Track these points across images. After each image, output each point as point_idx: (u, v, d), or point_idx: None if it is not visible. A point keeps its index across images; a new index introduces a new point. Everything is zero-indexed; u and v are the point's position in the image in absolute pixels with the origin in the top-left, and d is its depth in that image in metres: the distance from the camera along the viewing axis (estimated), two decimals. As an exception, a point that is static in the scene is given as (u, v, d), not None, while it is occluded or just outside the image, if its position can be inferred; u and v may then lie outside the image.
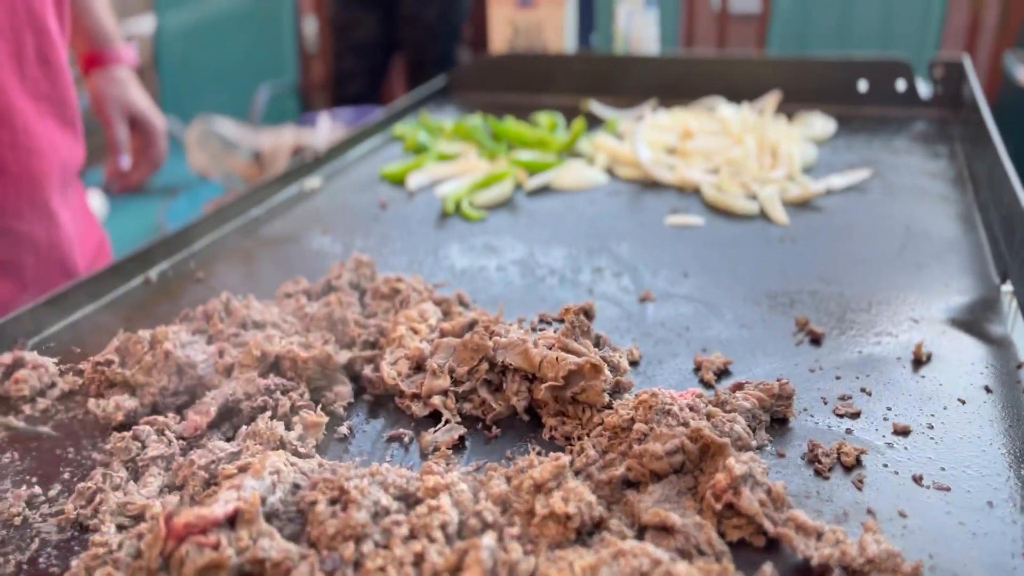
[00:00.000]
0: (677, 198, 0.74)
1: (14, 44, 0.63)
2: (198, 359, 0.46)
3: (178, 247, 0.67)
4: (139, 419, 0.44)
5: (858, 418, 0.43)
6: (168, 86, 2.78)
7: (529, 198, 0.76)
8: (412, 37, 2.65)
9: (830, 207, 0.71)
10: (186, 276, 0.64)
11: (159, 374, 0.46)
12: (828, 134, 0.86)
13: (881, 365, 0.48)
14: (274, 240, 0.70)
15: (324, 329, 0.50)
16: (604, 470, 0.38)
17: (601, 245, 0.66)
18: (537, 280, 0.61)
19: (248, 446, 0.41)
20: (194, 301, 0.59)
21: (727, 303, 0.56)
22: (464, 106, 1.09)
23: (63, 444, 0.44)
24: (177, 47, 2.80)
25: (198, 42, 2.80)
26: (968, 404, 0.44)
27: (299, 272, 0.61)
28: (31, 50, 0.64)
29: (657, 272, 0.61)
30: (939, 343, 0.50)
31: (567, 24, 1.16)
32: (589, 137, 0.86)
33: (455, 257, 0.65)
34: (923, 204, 0.70)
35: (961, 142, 0.84)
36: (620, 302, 0.57)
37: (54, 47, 0.67)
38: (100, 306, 0.59)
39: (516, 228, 0.70)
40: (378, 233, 0.70)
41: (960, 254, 0.61)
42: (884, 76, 0.93)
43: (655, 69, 1.03)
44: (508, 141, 0.86)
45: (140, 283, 0.63)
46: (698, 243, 0.65)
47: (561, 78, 1.07)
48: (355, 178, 0.84)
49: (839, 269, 0.60)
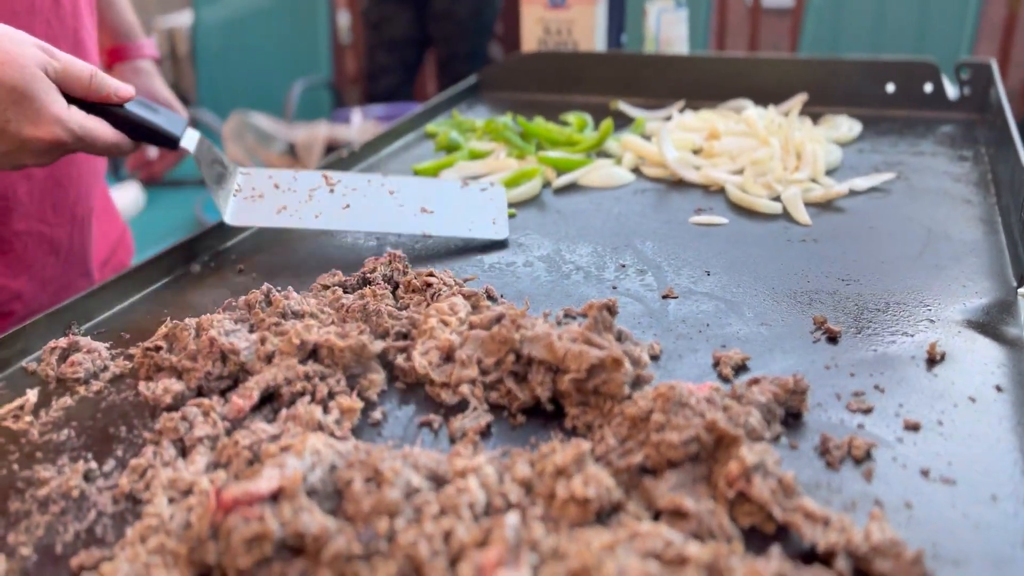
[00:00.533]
0: (702, 197, 0.76)
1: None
2: (241, 346, 0.49)
3: (220, 239, 0.70)
4: (186, 401, 0.47)
5: (870, 414, 0.45)
6: (205, 80, 2.84)
7: (557, 196, 0.78)
8: (443, 33, 2.67)
9: (853, 208, 0.72)
10: (228, 267, 0.67)
11: (204, 360, 0.48)
12: (853, 136, 0.87)
13: (895, 364, 0.49)
14: (311, 233, 0.72)
15: (359, 320, 0.53)
16: (623, 457, 0.40)
17: (626, 243, 0.68)
18: (563, 276, 0.63)
19: (288, 428, 0.43)
20: (236, 291, 0.62)
21: (747, 301, 0.57)
22: (495, 104, 1.11)
23: (116, 423, 0.47)
24: (214, 42, 2.86)
25: (234, 37, 2.85)
26: (978, 402, 0.45)
27: (335, 264, 0.64)
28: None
29: (680, 270, 0.63)
30: (953, 343, 0.51)
31: (598, 24, 1.18)
32: (617, 136, 0.88)
33: (484, 253, 0.67)
34: (945, 207, 0.71)
35: (986, 145, 0.84)
36: (643, 298, 0.59)
37: (87, 54, 0.70)
38: (147, 294, 0.62)
39: (543, 225, 0.72)
40: (410, 228, 0.72)
41: (979, 257, 0.62)
42: (911, 78, 0.94)
43: (683, 69, 1.04)
44: (537, 140, 0.88)
45: (184, 273, 0.66)
46: (721, 242, 0.67)
47: (591, 78, 1.09)
48: (388, 174, 0.86)
49: (859, 269, 0.61)
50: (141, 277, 0.63)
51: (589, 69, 1.09)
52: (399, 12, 2.65)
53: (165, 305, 0.61)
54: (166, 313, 0.60)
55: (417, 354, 0.49)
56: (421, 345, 0.50)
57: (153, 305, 0.61)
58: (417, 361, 0.49)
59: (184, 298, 0.62)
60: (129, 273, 0.62)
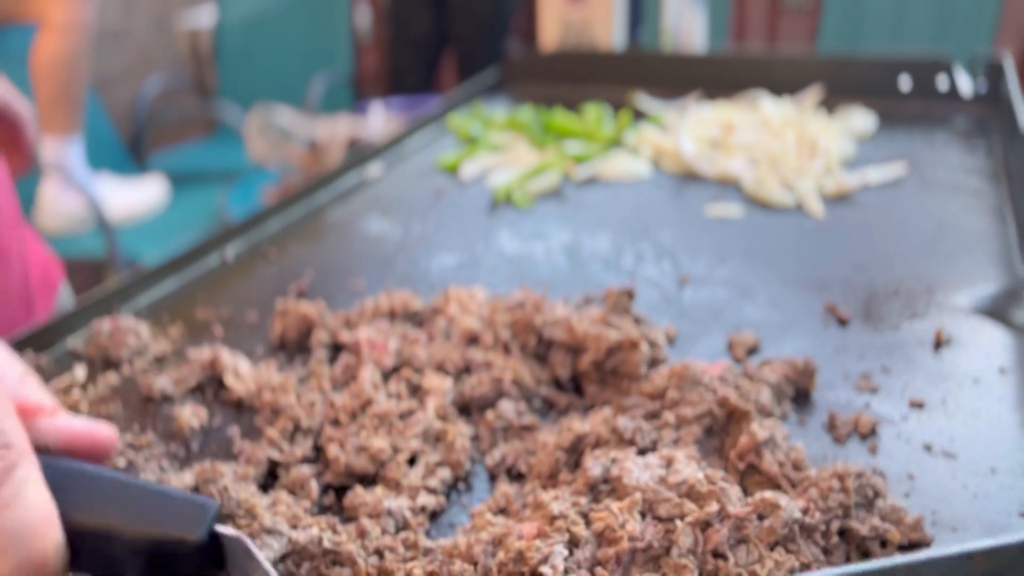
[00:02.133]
0: (718, 189, 0.78)
1: None
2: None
3: (251, 229, 0.73)
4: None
5: (877, 393, 0.47)
6: (228, 76, 2.88)
7: (576, 188, 0.81)
8: (463, 30, 2.70)
9: (866, 201, 0.73)
10: (258, 256, 0.69)
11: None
12: (868, 129, 0.89)
13: (903, 347, 0.51)
14: (338, 224, 0.75)
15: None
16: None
17: (644, 232, 0.70)
18: (582, 264, 0.65)
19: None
20: (265, 280, 0.65)
21: (761, 288, 0.59)
22: (515, 98, 1.13)
23: (156, 399, 0.50)
24: (237, 38, 2.90)
25: (256, 33, 2.89)
26: (982, 383, 0.47)
27: (360, 255, 0.67)
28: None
29: (696, 258, 0.65)
30: (960, 328, 0.53)
31: (616, 20, 1.20)
32: (635, 129, 0.90)
33: (505, 242, 0.69)
34: (957, 199, 0.73)
35: (999, 138, 0.86)
36: (660, 285, 0.61)
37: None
38: (182, 283, 0.65)
39: (563, 216, 0.74)
40: (434, 219, 0.75)
41: (989, 247, 0.63)
42: (926, 73, 0.95)
43: (700, 66, 1.06)
44: (557, 132, 0.91)
45: (217, 263, 0.69)
46: (736, 233, 0.69)
47: (609, 73, 1.10)
48: (413, 167, 0.89)
49: (870, 259, 0.63)
50: (177, 265, 0.66)
51: (606, 66, 1.11)
52: (419, 10, 2.68)
53: (199, 291, 0.64)
54: (203, 296, 0.62)
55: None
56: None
57: (187, 291, 0.64)
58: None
59: (217, 285, 0.65)
60: (166, 264, 0.65)
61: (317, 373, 0.49)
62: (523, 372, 0.48)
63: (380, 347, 0.50)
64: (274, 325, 0.56)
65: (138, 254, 1.93)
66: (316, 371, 0.50)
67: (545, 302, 0.53)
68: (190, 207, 2.25)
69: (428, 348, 0.51)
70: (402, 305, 0.56)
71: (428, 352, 0.51)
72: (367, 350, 0.50)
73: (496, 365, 0.49)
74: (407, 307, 0.56)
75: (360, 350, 0.50)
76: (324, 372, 0.49)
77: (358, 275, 0.65)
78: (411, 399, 0.47)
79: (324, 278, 0.65)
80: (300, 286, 0.63)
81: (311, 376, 0.50)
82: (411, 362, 0.50)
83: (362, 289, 0.62)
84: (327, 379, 0.49)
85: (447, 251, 0.68)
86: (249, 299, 0.62)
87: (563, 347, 0.50)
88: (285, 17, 2.86)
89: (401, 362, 0.50)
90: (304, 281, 0.63)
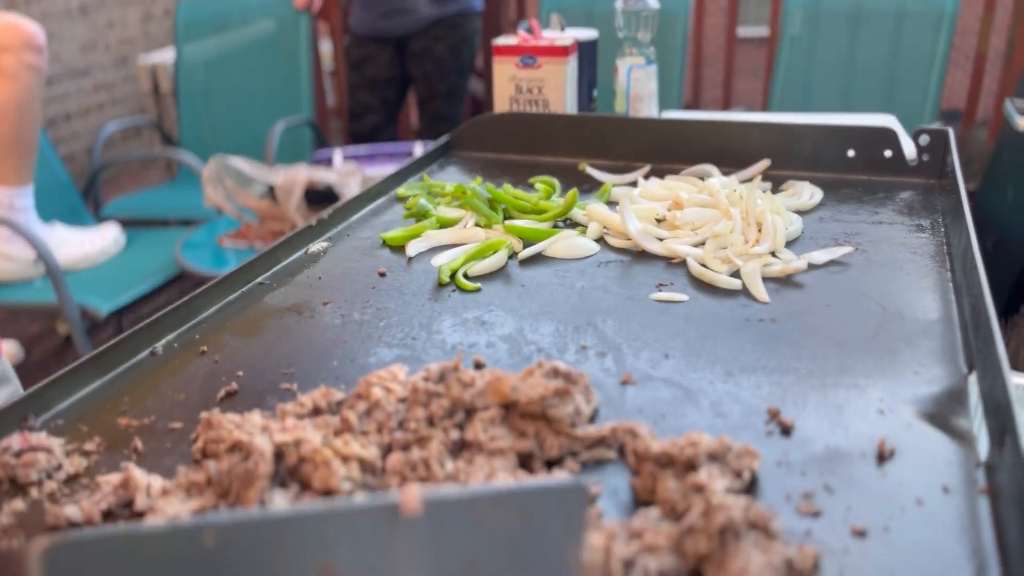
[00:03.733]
0: (664, 270, 0.77)
1: None
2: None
3: (184, 318, 0.70)
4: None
5: (819, 518, 0.45)
6: (187, 120, 2.85)
7: (522, 267, 0.79)
8: (422, 71, 2.70)
9: (811, 283, 0.73)
10: (191, 348, 0.67)
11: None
12: (815, 203, 0.89)
13: (846, 460, 0.50)
14: (276, 312, 0.73)
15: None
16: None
17: (588, 321, 0.68)
18: (524, 359, 0.63)
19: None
20: (197, 375, 0.62)
21: (704, 388, 0.58)
22: (466, 165, 1.12)
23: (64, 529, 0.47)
24: (196, 80, 2.87)
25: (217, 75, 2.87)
26: (925, 505, 0.46)
27: (297, 348, 0.64)
28: None
29: (639, 352, 0.63)
30: (903, 437, 0.52)
31: (568, 82, 1.20)
32: (583, 204, 0.89)
33: (447, 332, 0.68)
34: (902, 281, 0.72)
35: (943, 214, 0.86)
36: (602, 384, 0.59)
37: None
38: (107, 381, 0.62)
39: (508, 300, 0.73)
40: (376, 305, 0.73)
41: (932, 339, 0.63)
42: (871, 144, 0.96)
43: (651, 132, 1.06)
44: (505, 206, 0.89)
45: (147, 355, 0.66)
46: (680, 320, 0.68)
47: (560, 138, 1.10)
48: (358, 242, 0.87)
49: (815, 351, 0.62)
50: (101, 362, 0.63)
51: (558, 131, 1.10)
52: (379, 52, 2.68)
53: (124, 391, 0.61)
54: (127, 400, 0.60)
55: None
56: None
57: (112, 391, 0.61)
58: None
59: (144, 383, 0.62)
60: (90, 359, 0.62)
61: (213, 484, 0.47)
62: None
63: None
64: (197, 438, 0.53)
65: (90, 302, 1.88)
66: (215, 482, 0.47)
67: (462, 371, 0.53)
68: (147, 253, 2.21)
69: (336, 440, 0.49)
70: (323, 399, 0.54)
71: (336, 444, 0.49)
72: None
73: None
74: (329, 401, 0.54)
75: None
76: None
77: (292, 372, 0.62)
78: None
79: (257, 375, 0.62)
80: (229, 389, 0.60)
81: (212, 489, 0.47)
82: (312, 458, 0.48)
83: (294, 390, 0.60)
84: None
85: (386, 345, 0.66)
86: (175, 403, 0.59)
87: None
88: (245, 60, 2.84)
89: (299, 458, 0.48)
90: (233, 387, 0.60)
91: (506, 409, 0.54)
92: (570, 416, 0.53)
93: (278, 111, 2.73)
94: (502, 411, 0.53)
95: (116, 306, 1.86)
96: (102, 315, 1.83)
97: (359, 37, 2.70)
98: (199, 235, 2.18)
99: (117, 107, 4.03)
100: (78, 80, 3.79)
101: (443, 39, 2.64)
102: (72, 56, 3.73)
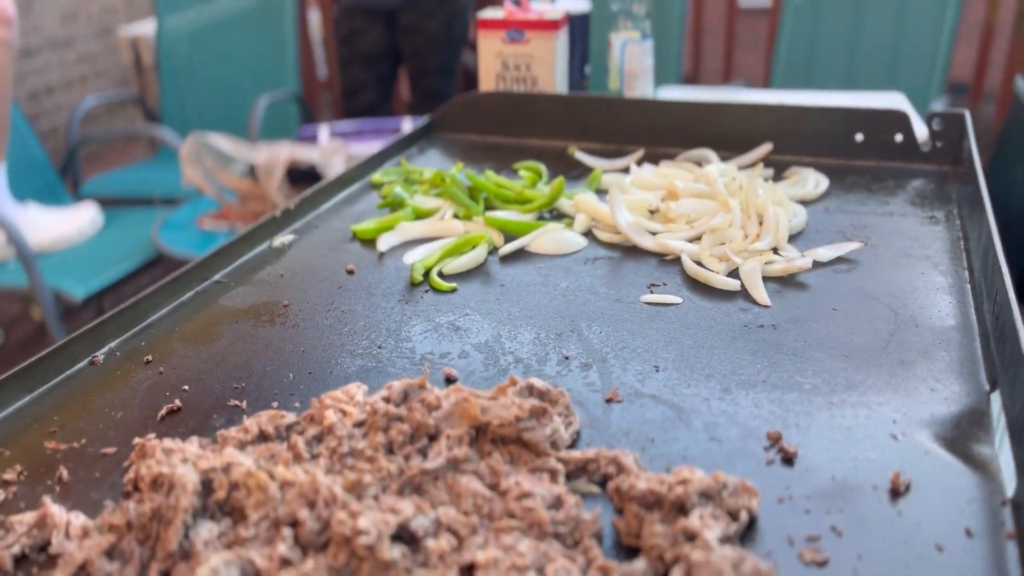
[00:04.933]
0: (656, 267, 0.71)
1: None
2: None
3: (130, 323, 0.64)
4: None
5: (826, 567, 0.40)
6: (169, 95, 2.76)
7: (503, 264, 0.73)
8: (413, 47, 2.62)
9: (816, 284, 0.67)
10: (135, 357, 0.61)
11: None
12: (820, 192, 0.83)
13: (855, 495, 0.44)
14: (233, 313, 0.66)
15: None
16: None
17: (572, 326, 0.63)
18: (500, 371, 0.57)
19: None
20: (139, 389, 0.56)
21: (698, 406, 0.52)
22: (448, 148, 1.06)
23: None
24: (179, 52, 2.78)
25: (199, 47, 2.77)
26: (945, 552, 0.40)
27: (251, 359, 0.58)
28: None
29: (627, 364, 0.57)
30: (920, 467, 0.46)
31: (558, 58, 1.13)
32: (570, 193, 0.83)
33: (416, 339, 0.62)
34: (915, 281, 0.67)
35: (958, 203, 0.80)
36: (585, 402, 0.54)
37: None
38: (37, 396, 0.56)
39: (486, 303, 0.67)
40: (340, 307, 0.67)
41: (949, 350, 0.57)
42: (881, 128, 0.89)
43: (645, 113, 0.99)
44: (487, 195, 0.83)
45: (86, 366, 0.60)
46: (673, 326, 0.62)
47: (548, 120, 1.03)
48: (326, 234, 0.81)
49: (820, 364, 0.56)
50: (34, 373, 0.57)
51: (546, 112, 1.04)
52: (368, 25, 2.59)
53: (57, 407, 0.55)
54: (57, 420, 0.54)
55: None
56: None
57: (45, 407, 0.55)
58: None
59: (81, 397, 0.56)
60: (22, 369, 0.56)
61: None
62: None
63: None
64: (130, 466, 0.47)
65: (64, 285, 1.82)
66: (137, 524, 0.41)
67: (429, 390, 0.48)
68: (126, 234, 2.14)
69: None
70: (270, 423, 0.48)
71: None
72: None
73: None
74: (277, 426, 0.48)
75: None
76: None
77: (243, 387, 0.56)
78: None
79: (204, 390, 0.56)
80: (172, 406, 0.54)
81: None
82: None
83: (243, 407, 0.54)
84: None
85: (349, 354, 0.60)
86: (111, 423, 0.53)
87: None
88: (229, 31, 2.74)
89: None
90: (176, 404, 0.54)
91: (477, 432, 0.48)
92: (547, 440, 0.47)
93: (264, 85, 2.65)
94: (471, 433, 0.48)
95: (91, 290, 1.79)
96: (77, 299, 1.76)
97: (347, 9, 2.60)
98: (179, 215, 2.11)
99: (101, 80, 3.94)
100: (60, 52, 3.70)
101: (434, 13, 2.54)
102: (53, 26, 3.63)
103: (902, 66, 2.27)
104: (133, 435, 0.51)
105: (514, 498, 0.42)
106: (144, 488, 0.43)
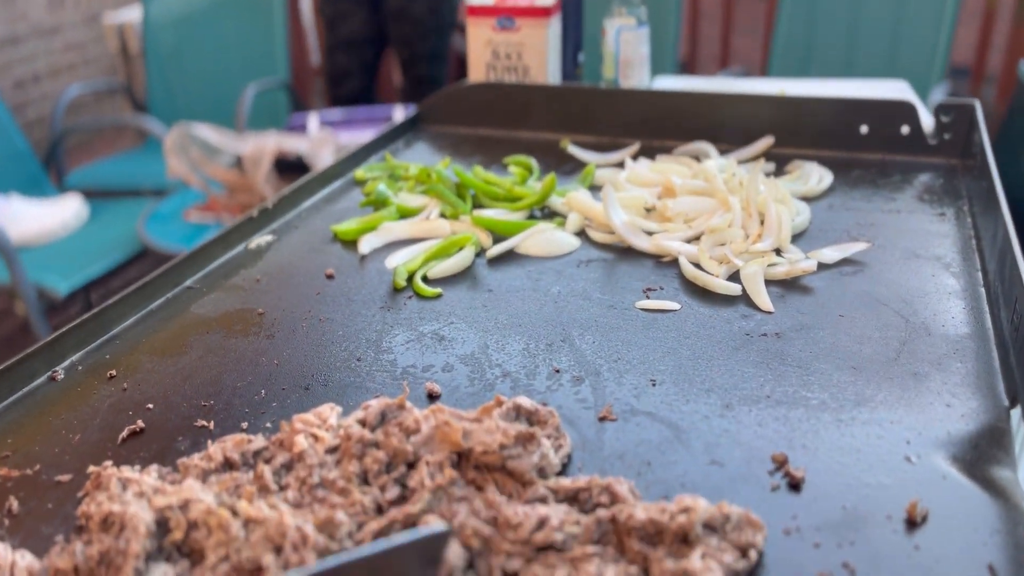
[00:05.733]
0: (653, 270, 0.67)
1: None
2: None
3: (93, 334, 0.61)
4: None
5: (837, 612, 0.36)
6: (156, 84, 2.70)
7: (491, 267, 0.69)
8: (400, 33, 2.57)
9: (821, 288, 0.63)
10: (98, 372, 0.57)
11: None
12: (824, 188, 0.79)
13: (868, 527, 0.41)
14: (204, 323, 0.63)
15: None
16: None
17: (563, 336, 0.59)
18: (486, 386, 0.54)
19: None
20: (100, 409, 0.53)
21: (698, 424, 0.49)
22: (435, 141, 1.02)
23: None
24: (165, 40, 2.71)
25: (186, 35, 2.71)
26: (969, 594, 0.37)
27: (221, 374, 0.55)
28: None
29: (622, 377, 0.54)
30: (937, 494, 0.43)
31: (550, 47, 1.09)
32: (562, 191, 0.79)
33: (398, 351, 0.58)
34: (925, 284, 0.63)
35: (969, 199, 0.76)
36: (576, 421, 0.50)
37: None
38: (-7, 417, 0.53)
39: (472, 310, 0.63)
40: (318, 315, 0.63)
41: (965, 361, 0.54)
42: (887, 119, 0.85)
43: (641, 104, 0.95)
44: (475, 192, 0.79)
45: (45, 381, 0.56)
46: (671, 335, 0.58)
47: (540, 112, 0.99)
48: (306, 235, 0.77)
49: (827, 377, 0.53)
50: (-11, 392, 0.53)
51: (538, 103, 0.99)
52: (353, 9, 2.54)
53: (12, 431, 0.51)
54: (10, 443, 0.50)
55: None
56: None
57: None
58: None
59: (38, 416, 0.52)
60: (-26, 387, 0.53)
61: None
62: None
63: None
64: (85, 496, 0.44)
65: (47, 280, 1.77)
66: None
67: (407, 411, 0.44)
68: (111, 227, 2.09)
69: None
70: (236, 450, 0.45)
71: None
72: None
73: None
74: (244, 452, 0.45)
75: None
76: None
77: (211, 405, 0.53)
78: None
79: (170, 408, 0.53)
80: (134, 428, 0.51)
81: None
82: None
83: (211, 428, 0.51)
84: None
85: (326, 367, 0.56)
86: (67, 447, 0.50)
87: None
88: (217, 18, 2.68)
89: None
90: (138, 425, 0.51)
91: (459, 456, 0.45)
92: (534, 468, 0.44)
93: (253, 72, 2.59)
94: (453, 459, 0.44)
95: (75, 285, 1.75)
96: (60, 295, 1.72)
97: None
98: (166, 207, 2.06)
99: (89, 68, 3.88)
100: (46, 39, 3.63)
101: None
102: (38, 13, 3.56)
103: (903, 51, 2.22)
104: (90, 461, 0.47)
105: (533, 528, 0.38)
106: (93, 528, 0.39)
